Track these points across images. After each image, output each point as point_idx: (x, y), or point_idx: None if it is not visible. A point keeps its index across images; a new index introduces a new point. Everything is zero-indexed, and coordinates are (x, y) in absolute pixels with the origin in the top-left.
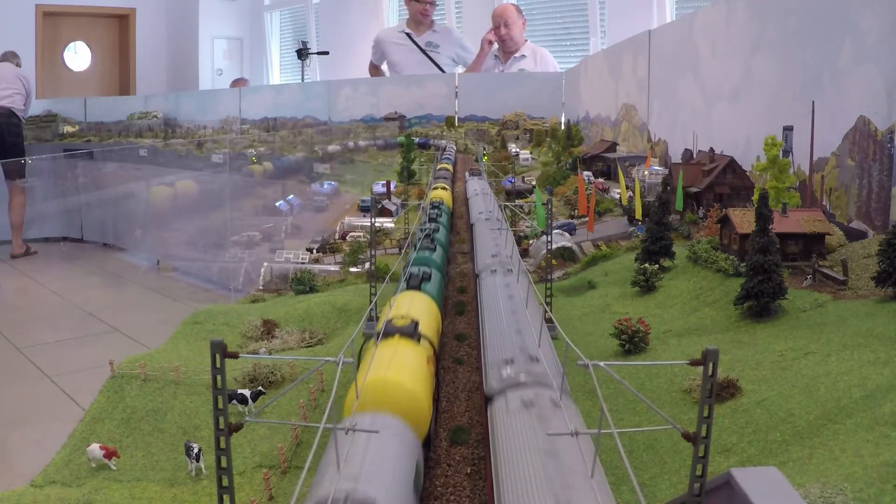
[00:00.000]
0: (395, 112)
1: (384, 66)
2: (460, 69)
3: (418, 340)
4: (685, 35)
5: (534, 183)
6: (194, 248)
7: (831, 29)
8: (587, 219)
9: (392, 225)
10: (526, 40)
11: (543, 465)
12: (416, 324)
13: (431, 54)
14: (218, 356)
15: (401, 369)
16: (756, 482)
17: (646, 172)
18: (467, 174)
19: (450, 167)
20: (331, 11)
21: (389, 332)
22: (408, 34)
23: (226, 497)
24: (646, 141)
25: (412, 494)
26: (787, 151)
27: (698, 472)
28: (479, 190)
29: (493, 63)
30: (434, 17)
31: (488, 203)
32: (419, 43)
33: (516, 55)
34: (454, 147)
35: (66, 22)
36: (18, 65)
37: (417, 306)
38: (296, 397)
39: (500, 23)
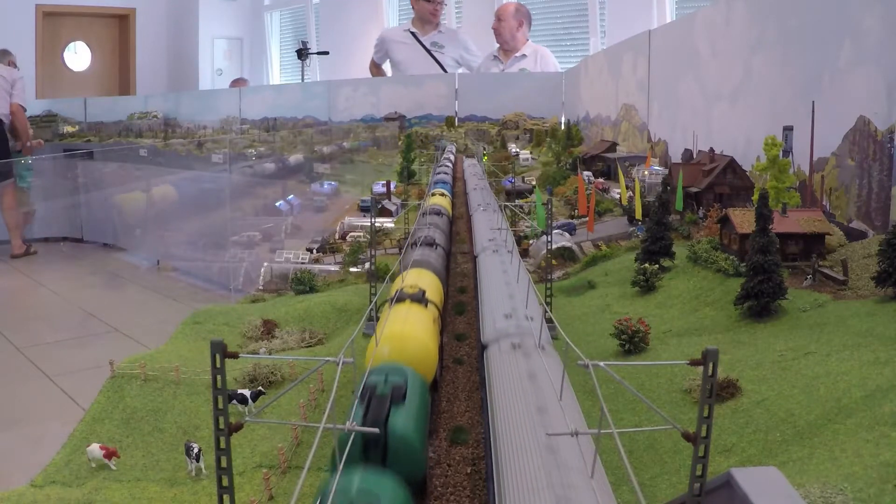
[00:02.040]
0: (395, 112)
1: (386, 65)
2: (463, 70)
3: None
4: (685, 35)
5: (534, 183)
6: (194, 248)
7: (831, 29)
8: (587, 219)
9: (392, 225)
10: (527, 40)
11: (524, 390)
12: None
13: (436, 54)
14: (218, 356)
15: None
16: (756, 482)
17: (646, 172)
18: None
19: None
20: (331, 11)
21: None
22: (413, 33)
23: (226, 497)
24: (646, 141)
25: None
26: (787, 151)
27: (698, 472)
28: (475, 174)
29: (493, 63)
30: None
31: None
32: (424, 43)
33: (517, 55)
34: (454, 149)
35: (66, 22)
36: (11, 62)
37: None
38: (296, 397)
39: (496, 16)
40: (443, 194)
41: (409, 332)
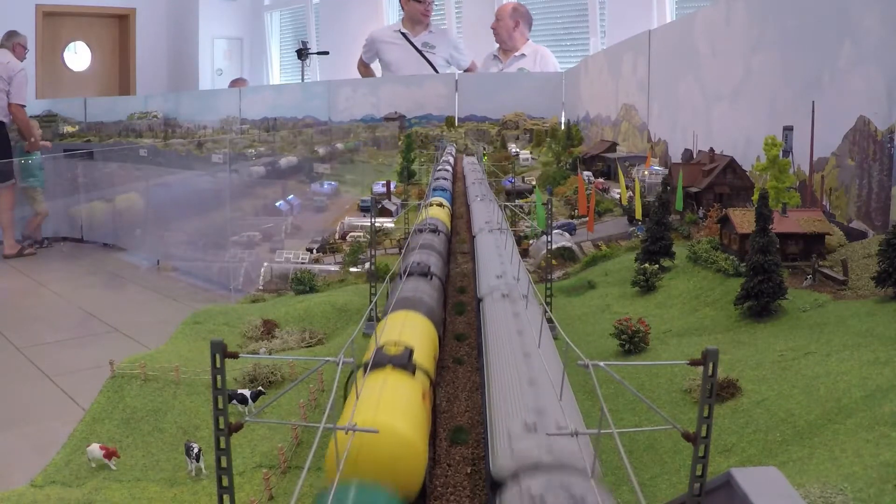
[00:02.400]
0: (395, 112)
1: (376, 66)
2: (452, 70)
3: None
4: (685, 35)
5: (534, 183)
6: (194, 248)
7: (831, 29)
8: (587, 219)
9: (392, 225)
10: (527, 40)
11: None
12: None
13: (427, 55)
14: (218, 356)
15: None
16: (756, 482)
17: (646, 172)
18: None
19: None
20: (331, 11)
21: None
22: (403, 34)
23: (226, 497)
24: (646, 141)
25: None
26: (787, 151)
27: (698, 472)
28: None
29: (492, 62)
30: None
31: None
32: (415, 43)
33: (516, 54)
34: (454, 150)
35: (66, 22)
36: (19, 46)
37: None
38: (296, 397)
39: (496, 16)
40: (441, 204)
41: (386, 427)
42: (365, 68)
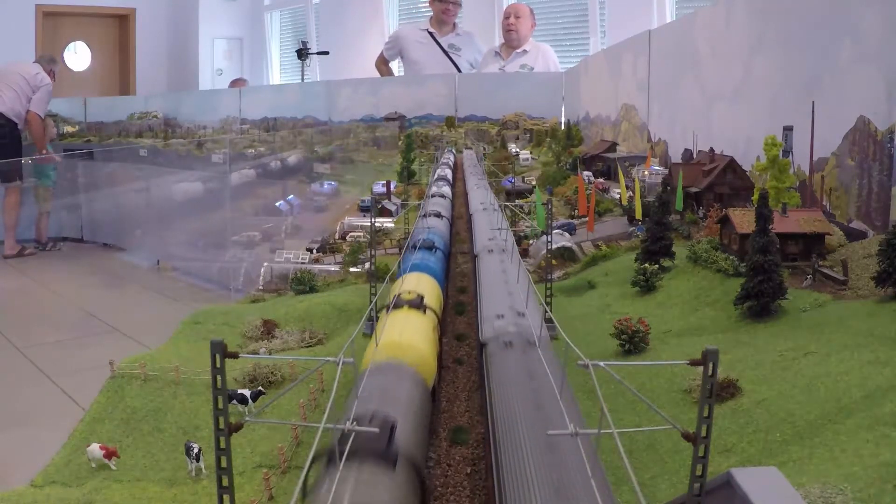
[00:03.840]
0: (396, 112)
1: (396, 64)
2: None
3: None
4: (685, 35)
5: (534, 183)
6: (194, 248)
7: (831, 29)
8: (587, 219)
9: (392, 225)
10: (530, 40)
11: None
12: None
13: (452, 56)
14: (218, 356)
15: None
16: (756, 482)
17: (646, 172)
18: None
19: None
20: (331, 11)
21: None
22: (431, 33)
23: (226, 497)
24: (646, 141)
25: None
26: (787, 151)
27: (698, 472)
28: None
29: (493, 60)
30: (456, 21)
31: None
32: (442, 44)
33: (518, 50)
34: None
35: (66, 22)
36: (52, 73)
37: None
38: (296, 397)
39: (511, 13)
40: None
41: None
42: (384, 65)
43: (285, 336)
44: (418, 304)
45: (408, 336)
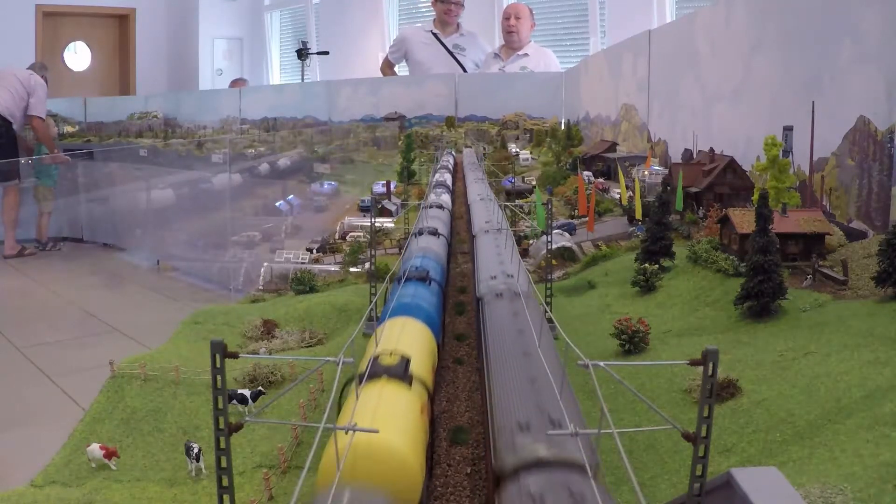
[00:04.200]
0: (396, 112)
1: (401, 66)
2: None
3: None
4: (685, 35)
5: (534, 183)
6: (194, 248)
7: (831, 29)
8: (587, 219)
9: (392, 225)
10: (530, 41)
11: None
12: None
13: (458, 56)
14: (218, 356)
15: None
16: (756, 482)
17: (646, 172)
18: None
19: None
20: (331, 11)
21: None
22: (435, 34)
23: (226, 497)
24: (646, 141)
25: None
26: (787, 151)
27: (698, 472)
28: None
29: (493, 62)
30: (459, 21)
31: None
32: (447, 45)
33: (519, 52)
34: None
35: (66, 22)
36: (42, 76)
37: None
38: (296, 397)
39: (511, 14)
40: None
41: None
42: (389, 69)
43: (285, 336)
44: (402, 372)
45: (385, 440)
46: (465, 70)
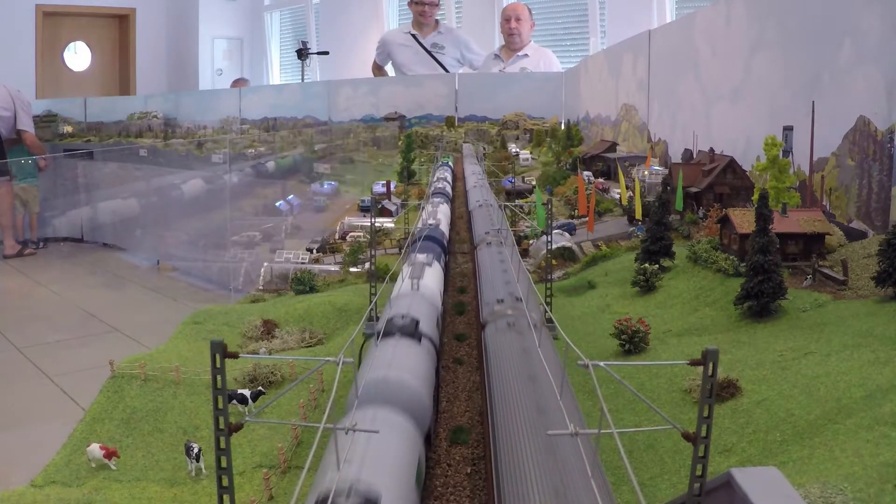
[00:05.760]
0: (395, 112)
1: (388, 67)
2: (465, 70)
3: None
4: (685, 35)
5: (534, 183)
6: (194, 248)
7: (831, 29)
8: (587, 219)
9: (392, 225)
10: (530, 41)
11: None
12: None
13: (437, 55)
14: (218, 356)
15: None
16: (756, 482)
17: (646, 172)
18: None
19: (442, 228)
20: (331, 11)
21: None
22: (413, 35)
23: (226, 497)
24: (646, 141)
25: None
26: (787, 151)
27: (698, 472)
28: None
29: (494, 62)
30: (437, 18)
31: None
32: (425, 44)
33: (519, 53)
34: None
35: (66, 22)
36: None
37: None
38: (296, 397)
39: (511, 16)
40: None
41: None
42: (379, 70)
43: (285, 336)
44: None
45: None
46: (445, 69)
